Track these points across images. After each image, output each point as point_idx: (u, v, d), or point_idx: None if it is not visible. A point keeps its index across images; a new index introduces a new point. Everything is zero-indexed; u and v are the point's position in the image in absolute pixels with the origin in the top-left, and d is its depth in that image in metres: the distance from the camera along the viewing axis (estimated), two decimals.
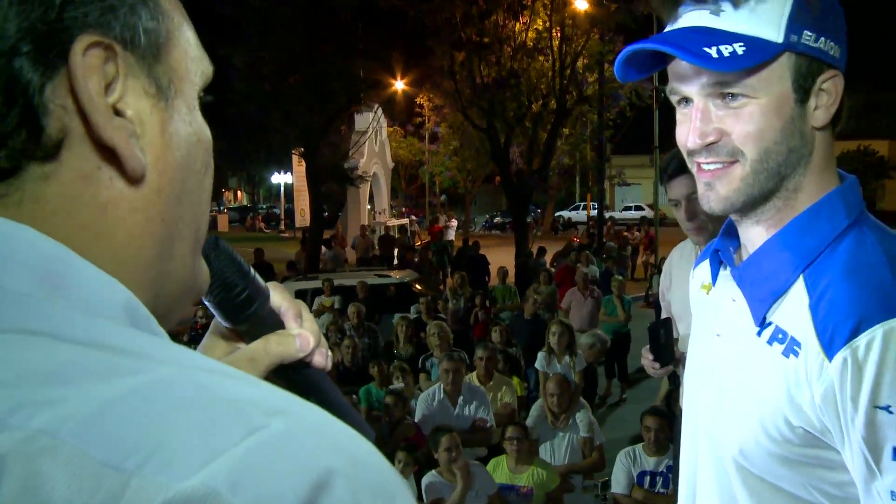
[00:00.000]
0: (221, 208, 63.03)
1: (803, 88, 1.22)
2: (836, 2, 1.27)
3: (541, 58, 20.45)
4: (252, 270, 0.84)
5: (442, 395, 6.65)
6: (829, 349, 1.16)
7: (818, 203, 1.27)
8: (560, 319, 9.02)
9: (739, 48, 1.16)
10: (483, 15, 19.34)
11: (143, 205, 0.65)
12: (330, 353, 0.88)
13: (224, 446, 0.50)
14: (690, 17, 1.24)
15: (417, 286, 13.49)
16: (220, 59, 20.87)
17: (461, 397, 6.63)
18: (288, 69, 19.12)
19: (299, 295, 13.02)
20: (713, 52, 1.15)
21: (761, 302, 1.28)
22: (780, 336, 1.24)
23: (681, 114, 1.31)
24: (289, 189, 40.46)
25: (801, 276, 1.24)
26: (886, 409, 1.11)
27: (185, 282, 0.73)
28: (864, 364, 1.12)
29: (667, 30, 1.28)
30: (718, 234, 1.50)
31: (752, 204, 1.28)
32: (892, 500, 1.13)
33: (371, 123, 26.63)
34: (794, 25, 1.19)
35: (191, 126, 0.70)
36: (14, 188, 0.60)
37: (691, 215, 3.06)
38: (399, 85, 28.61)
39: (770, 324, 1.27)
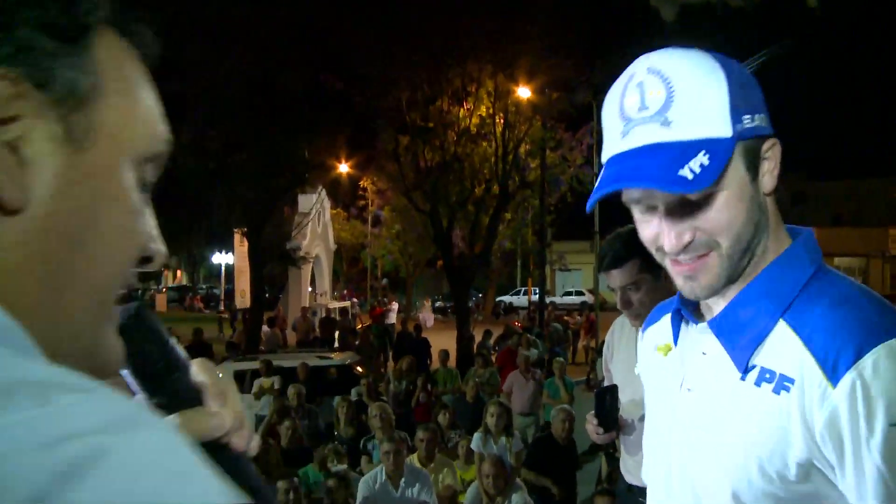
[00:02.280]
0: (160, 287, 62.17)
1: (753, 166, 1.28)
2: (750, 75, 1.33)
3: (484, 143, 20.78)
4: (173, 342, 0.82)
5: (384, 478, 6.53)
6: (834, 375, 1.17)
7: (785, 253, 1.33)
8: (499, 401, 8.98)
9: (705, 158, 1.20)
10: (428, 100, 19.63)
11: (24, 240, 0.63)
12: (257, 437, 0.86)
13: None
14: (642, 133, 1.25)
15: (358, 368, 13.37)
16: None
17: (403, 479, 6.52)
18: (233, 148, 19.14)
19: (238, 376, 12.80)
20: (687, 173, 1.18)
21: (744, 349, 1.30)
22: (768, 376, 1.26)
23: (641, 216, 1.33)
24: (230, 269, 40.10)
25: (780, 320, 1.28)
26: None
27: (85, 349, 0.69)
28: (874, 383, 1.15)
29: (622, 148, 1.27)
30: (674, 298, 1.51)
31: (731, 282, 1.32)
32: None
33: (315, 205, 26.66)
34: (735, 115, 1.23)
35: (104, 181, 0.69)
36: None
37: (625, 304, 3.13)
38: (343, 167, 28.83)
39: (754, 367, 1.28)
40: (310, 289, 33.70)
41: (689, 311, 1.44)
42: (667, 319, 1.54)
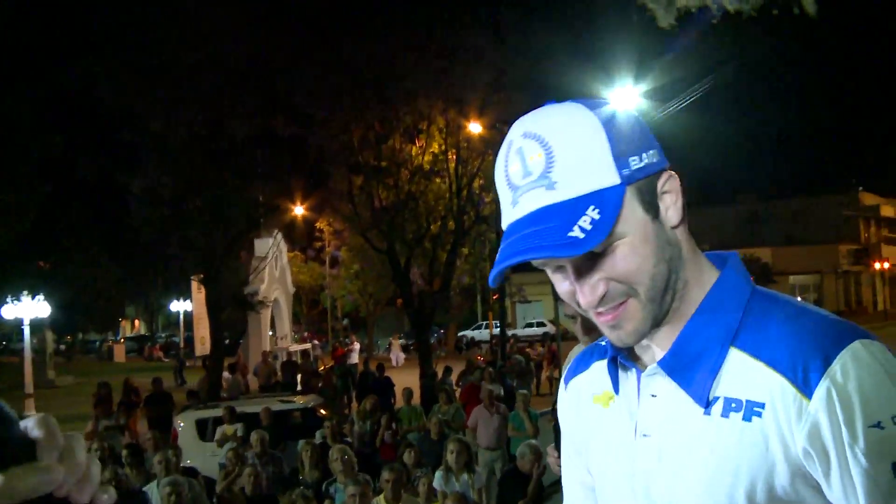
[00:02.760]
0: (118, 338, 61.27)
1: (652, 205, 1.25)
2: (630, 114, 1.30)
3: (438, 180, 20.90)
4: None
5: None
6: (807, 387, 1.16)
7: (719, 282, 1.31)
8: (457, 437, 8.96)
9: (594, 213, 1.18)
10: (380, 139, 19.75)
11: None
12: (111, 490, 0.82)
13: None
14: (529, 199, 1.23)
15: (322, 411, 13.29)
16: (118, 185, 20.75)
17: None
18: (187, 194, 19.06)
19: (200, 423, 12.68)
20: (577, 233, 1.16)
21: (701, 383, 1.26)
22: (734, 405, 1.23)
23: (555, 276, 1.30)
24: (188, 317, 39.70)
25: (732, 348, 1.25)
26: (878, 425, 1.13)
27: None
28: (847, 389, 1.14)
29: (514, 217, 1.26)
30: (595, 346, 1.49)
31: (658, 323, 1.28)
32: None
33: (271, 248, 26.55)
34: (619, 161, 1.21)
35: None
36: None
37: (587, 329, 3.06)
38: (299, 210, 28.77)
39: (717, 399, 1.24)
40: (270, 333, 33.43)
41: (625, 356, 1.38)
42: (599, 367, 1.48)
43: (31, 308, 22.83)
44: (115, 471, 7.97)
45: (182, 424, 12.91)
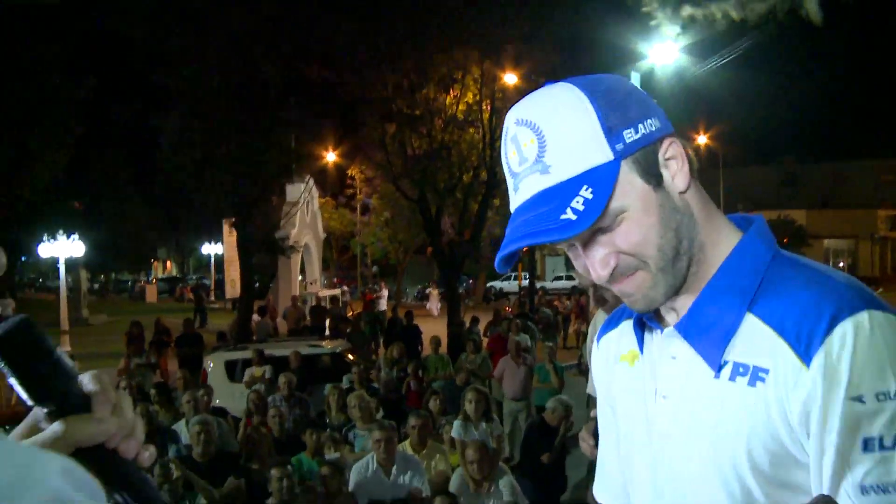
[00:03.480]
0: (150, 279, 62.04)
1: (654, 175, 1.26)
2: (625, 84, 1.30)
3: (471, 130, 20.75)
4: (59, 353, 0.85)
5: (375, 466, 6.57)
6: (807, 355, 1.17)
7: (739, 246, 1.32)
8: (475, 387, 9.01)
9: (587, 192, 1.20)
10: (414, 88, 19.58)
11: None
12: (152, 448, 0.91)
13: None
14: (527, 184, 1.26)
15: (350, 356, 13.40)
16: (151, 128, 20.84)
17: (395, 467, 6.56)
18: (219, 138, 19.07)
19: (229, 365, 12.84)
20: (570, 215, 1.18)
21: (714, 346, 1.28)
22: (742, 370, 1.24)
23: (571, 253, 1.34)
24: (219, 259, 40.05)
25: (748, 314, 1.26)
26: (859, 399, 1.13)
27: None
28: (840, 358, 1.15)
29: (517, 203, 1.29)
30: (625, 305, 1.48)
31: (674, 290, 1.30)
32: (863, 494, 1.13)
33: (303, 194, 26.62)
34: (612, 137, 1.22)
35: None
36: None
37: (600, 301, 3.04)
38: (331, 156, 28.77)
39: (727, 363, 1.26)
40: (300, 277, 33.68)
41: (650, 316, 1.41)
42: (627, 326, 1.52)
43: (66, 247, 23.12)
44: (146, 408, 8.12)
45: (212, 365, 13.08)
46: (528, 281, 27.72)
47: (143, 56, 19.71)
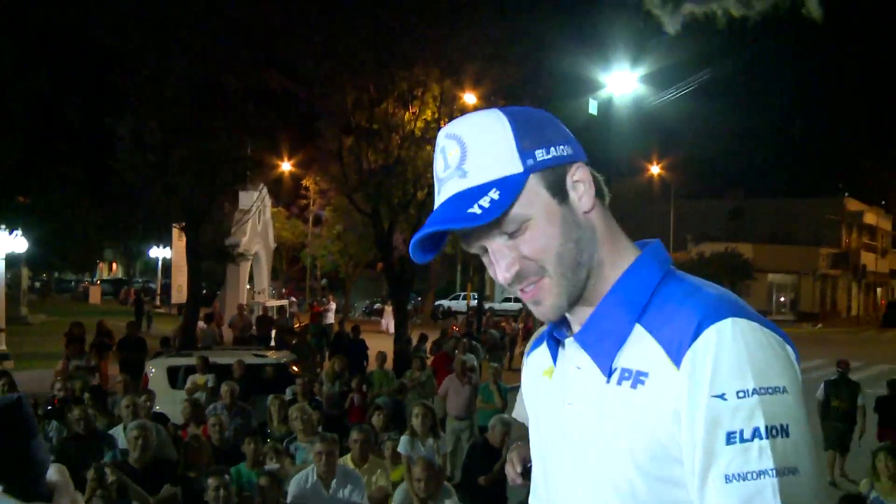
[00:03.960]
0: (94, 280, 61.02)
1: (560, 191, 1.41)
2: (545, 115, 1.48)
3: (428, 147, 20.72)
4: (39, 440, 0.86)
5: (315, 479, 6.52)
6: (677, 358, 1.30)
7: (634, 265, 1.46)
8: (422, 402, 9.03)
9: (495, 194, 1.35)
10: (374, 102, 19.61)
11: None
12: None
13: None
14: (447, 188, 1.42)
15: (294, 368, 13.30)
16: (105, 128, 20.55)
17: (335, 481, 6.51)
18: (174, 141, 18.88)
19: (172, 371, 12.68)
20: (476, 209, 1.33)
21: (605, 354, 1.41)
22: (626, 374, 1.37)
23: (485, 259, 1.47)
24: (167, 264, 39.54)
25: (637, 325, 1.39)
26: (721, 396, 1.25)
27: None
28: (703, 360, 1.27)
29: (436, 206, 1.44)
30: (547, 328, 1.60)
31: (575, 299, 1.44)
32: (727, 483, 1.23)
33: (256, 202, 26.43)
34: (524, 153, 1.39)
35: None
36: None
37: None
38: (286, 166, 28.64)
39: (616, 369, 1.39)
40: (248, 286, 33.39)
41: (561, 331, 1.54)
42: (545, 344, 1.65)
43: (7, 242, 22.63)
44: (84, 410, 7.98)
45: (153, 370, 12.90)
46: (476, 301, 27.79)
47: (100, 55, 19.44)
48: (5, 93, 20.84)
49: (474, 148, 1.40)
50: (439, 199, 1.43)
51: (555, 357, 1.57)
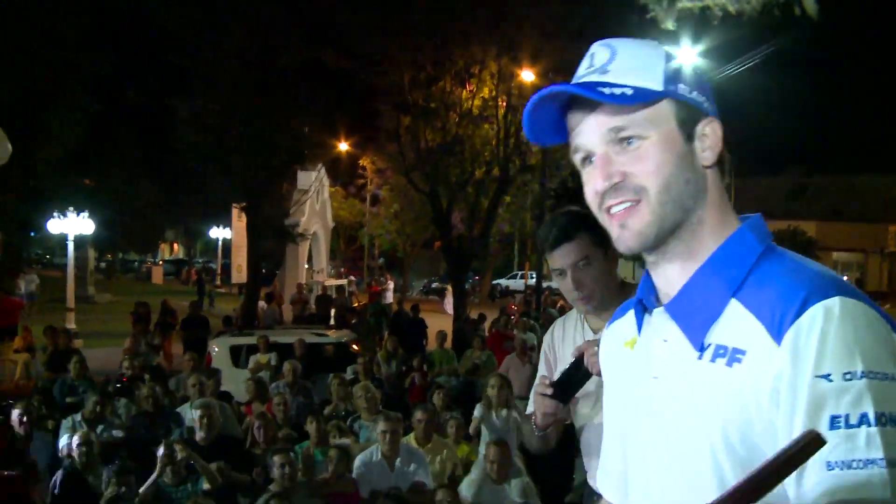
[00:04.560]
0: (157, 260, 62.10)
1: (687, 129, 1.39)
2: (701, 72, 1.48)
3: (486, 125, 20.69)
4: None
5: (379, 457, 6.53)
6: (779, 334, 1.23)
7: (732, 237, 1.40)
8: (499, 373, 9.03)
9: (628, 91, 1.34)
10: (430, 81, 19.54)
11: None
12: None
13: None
14: (583, 78, 1.41)
15: (354, 346, 13.37)
16: (165, 109, 20.82)
17: (399, 459, 6.52)
18: (233, 122, 19.04)
19: (234, 350, 12.83)
20: (606, 90, 1.33)
21: (698, 328, 1.35)
22: (721, 351, 1.31)
23: (585, 173, 1.43)
24: (227, 244, 40.04)
25: (732, 299, 1.33)
26: (826, 377, 1.17)
27: None
28: (808, 337, 1.20)
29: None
30: (638, 289, 1.55)
31: (662, 237, 1.38)
32: (828, 469, 1.15)
33: (314, 182, 26.59)
34: (670, 79, 1.38)
35: None
36: None
37: (578, 284, 2.85)
38: (343, 146, 28.74)
39: (709, 345, 1.33)
40: (307, 266, 33.67)
41: (650, 301, 1.49)
42: (632, 313, 1.57)
43: (75, 224, 23.08)
44: (152, 388, 8.11)
45: (216, 349, 13.06)
46: (534, 280, 27.68)
47: (160, 36, 19.68)
48: (68, 75, 21.20)
49: (624, 55, 1.40)
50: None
51: (640, 326, 1.52)
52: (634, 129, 1.36)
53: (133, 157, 32.28)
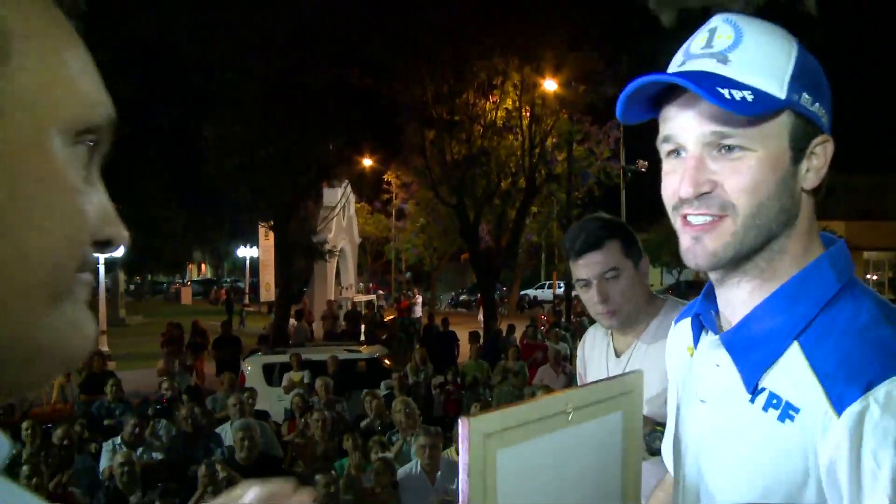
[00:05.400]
0: (185, 281, 62.53)
1: (798, 148, 1.23)
2: (824, 74, 1.29)
3: (510, 136, 20.73)
4: None
5: (419, 471, 6.52)
6: (840, 404, 1.11)
7: (807, 268, 1.26)
8: (546, 385, 9.03)
9: (748, 95, 1.17)
10: (454, 94, 19.60)
11: None
12: None
13: None
14: (696, 64, 1.24)
15: (387, 362, 13.38)
16: (190, 131, 21.00)
17: (439, 473, 6.50)
18: (258, 143, 19.16)
19: (267, 369, 12.87)
20: (726, 93, 1.15)
21: (754, 369, 1.24)
22: (775, 402, 1.20)
23: (669, 164, 1.29)
24: (254, 263, 40.25)
25: (795, 342, 1.21)
26: (891, 467, 1.07)
27: (23, 340, 0.63)
28: (885, 415, 1.08)
29: (672, 72, 1.27)
30: (699, 298, 1.45)
31: (737, 261, 1.25)
32: None
33: (341, 199, 26.70)
34: (794, 85, 1.21)
35: (25, 159, 0.61)
36: None
37: (603, 297, 2.61)
38: (368, 161, 28.80)
39: (763, 390, 1.22)
40: (335, 283, 33.76)
41: (709, 317, 1.39)
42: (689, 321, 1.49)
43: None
44: (191, 409, 8.14)
45: (249, 368, 13.10)
46: (563, 289, 27.62)
47: (184, 60, 19.86)
48: None
49: (751, 45, 1.22)
50: (682, 67, 1.26)
51: (697, 340, 1.43)
52: (741, 139, 1.20)
53: (161, 181, 32.56)
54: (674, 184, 1.27)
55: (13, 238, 0.60)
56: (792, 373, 1.19)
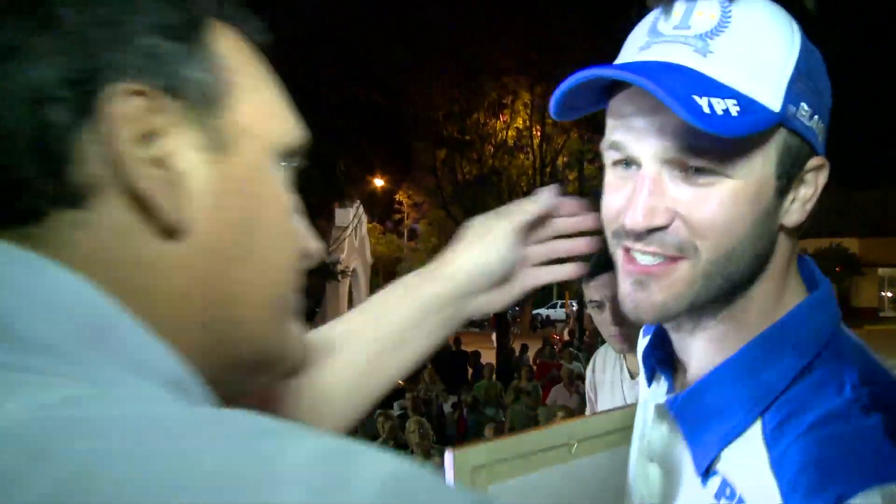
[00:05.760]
0: None
1: (788, 176, 0.93)
2: (826, 71, 0.98)
3: (521, 156, 20.72)
4: None
5: None
6: None
7: (780, 322, 0.97)
8: (565, 405, 9.05)
9: (733, 107, 0.85)
10: (464, 113, 19.64)
11: (187, 263, 0.61)
12: None
13: None
14: (666, 50, 0.91)
15: (399, 381, 13.30)
16: None
17: None
18: None
19: None
20: (704, 104, 0.83)
21: (706, 448, 0.97)
22: (728, 492, 0.94)
23: (615, 174, 0.98)
24: None
25: (758, 420, 0.94)
26: None
27: (263, 352, 0.69)
28: None
29: (632, 59, 0.95)
30: (643, 333, 1.25)
31: (689, 313, 0.97)
32: None
33: (352, 219, 26.75)
34: (793, 92, 0.90)
35: (256, 185, 0.66)
36: (44, 232, 0.57)
37: (619, 320, 2.53)
38: (378, 181, 28.85)
39: (715, 473, 0.97)
40: (347, 303, 33.76)
41: (660, 358, 1.14)
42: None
43: None
44: None
45: None
46: (575, 308, 27.52)
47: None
48: None
49: (740, 29, 0.89)
50: (640, 54, 0.94)
51: (649, 379, 1.18)
52: (714, 162, 0.89)
53: None
54: (618, 202, 0.97)
55: (256, 258, 0.66)
56: (750, 461, 0.92)
